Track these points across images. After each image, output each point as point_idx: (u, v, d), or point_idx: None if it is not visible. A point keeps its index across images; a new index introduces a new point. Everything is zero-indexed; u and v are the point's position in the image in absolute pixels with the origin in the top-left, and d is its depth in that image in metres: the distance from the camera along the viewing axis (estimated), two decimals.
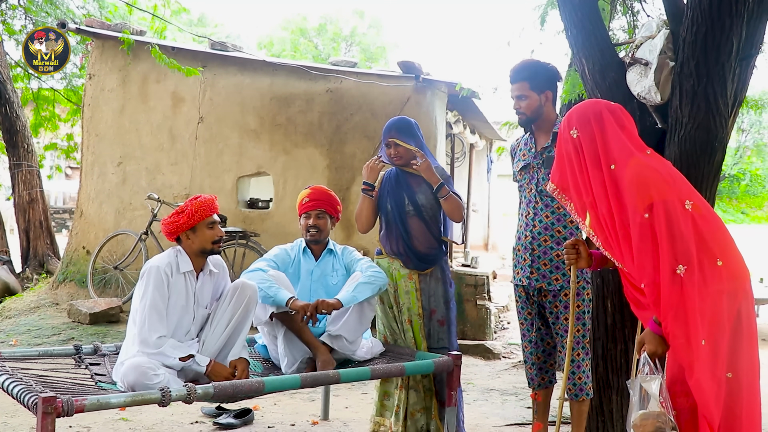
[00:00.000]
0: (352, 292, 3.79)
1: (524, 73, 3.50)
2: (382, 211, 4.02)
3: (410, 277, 3.94)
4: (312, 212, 3.98)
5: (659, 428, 2.55)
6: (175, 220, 3.49)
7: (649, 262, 2.59)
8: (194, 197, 3.54)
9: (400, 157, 3.94)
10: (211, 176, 7.69)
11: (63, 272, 8.02)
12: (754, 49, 3.44)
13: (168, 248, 3.61)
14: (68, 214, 18.29)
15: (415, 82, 7.17)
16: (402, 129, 3.95)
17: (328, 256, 4.08)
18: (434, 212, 3.96)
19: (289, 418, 4.47)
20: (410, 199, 3.93)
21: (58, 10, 10.15)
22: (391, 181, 4.00)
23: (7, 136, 9.73)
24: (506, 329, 7.98)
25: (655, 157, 2.78)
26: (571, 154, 2.83)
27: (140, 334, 3.32)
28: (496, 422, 4.53)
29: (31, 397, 2.73)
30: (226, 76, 7.74)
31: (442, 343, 3.96)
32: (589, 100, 3.05)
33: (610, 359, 3.70)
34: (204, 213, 3.49)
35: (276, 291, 3.72)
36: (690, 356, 2.52)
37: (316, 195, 4.01)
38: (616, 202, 2.69)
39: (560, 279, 3.47)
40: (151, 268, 3.43)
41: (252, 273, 3.80)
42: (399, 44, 33.60)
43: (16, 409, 4.20)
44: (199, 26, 28.19)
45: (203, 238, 3.52)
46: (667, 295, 2.54)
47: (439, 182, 3.86)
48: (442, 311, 3.97)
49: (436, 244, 3.98)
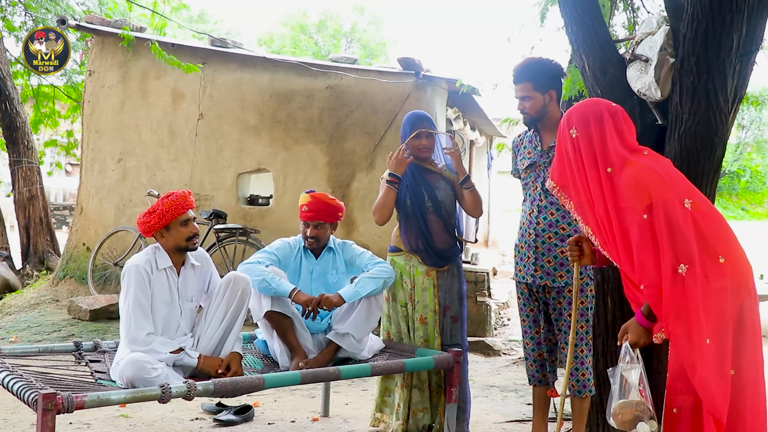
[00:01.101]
0: (355, 288, 3.81)
1: (527, 74, 3.48)
2: (400, 207, 3.98)
3: (428, 274, 3.93)
4: (310, 222, 3.99)
5: (637, 416, 2.60)
6: (147, 220, 3.49)
7: (649, 263, 2.58)
8: (167, 195, 3.52)
9: (430, 149, 3.94)
10: (211, 173, 7.69)
11: (63, 269, 8.03)
12: (754, 45, 3.43)
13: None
14: (68, 211, 18.29)
15: (415, 78, 7.16)
16: (431, 121, 3.99)
17: (328, 255, 4.08)
18: (451, 209, 3.97)
19: (289, 414, 4.48)
20: (429, 195, 3.92)
21: (58, 7, 10.14)
22: (408, 177, 3.96)
23: (7, 133, 9.73)
24: (506, 326, 7.98)
25: (652, 157, 2.77)
26: (569, 153, 2.83)
27: (128, 333, 3.33)
28: (496, 419, 4.53)
29: (31, 393, 2.73)
30: (226, 73, 7.73)
31: (455, 340, 3.96)
32: (590, 99, 3.03)
33: (610, 356, 3.70)
34: (176, 211, 3.47)
35: (278, 282, 3.74)
36: (692, 355, 2.51)
37: (314, 206, 3.98)
38: (612, 203, 2.68)
39: (564, 276, 3.47)
40: (130, 268, 3.43)
41: (251, 265, 3.80)
42: (399, 40, 33.69)
43: (16, 405, 4.20)
44: (199, 23, 28.15)
45: (177, 236, 3.51)
46: (669, 294, 2.54)
47: (466, 173, 3.90)
48: (456, 307, 3.97)
49: (453, 240, 3.98)
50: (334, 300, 3.76)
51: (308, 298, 3.73)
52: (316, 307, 3.70)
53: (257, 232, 7.17)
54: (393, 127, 7.18)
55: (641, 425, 2.61)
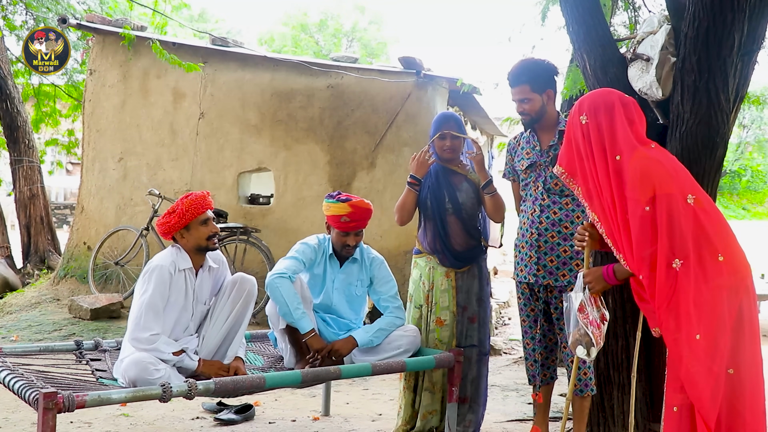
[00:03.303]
0: (371, 336, 3.81)
1: (524, 76, 3.49)
2: (421, 208, 3.95)
3: (447, 275, 3.90)
4: (351, 232, 3.88)
5: (577, 340, 2.85)
6: (167, 221, 3.49)
7: (647, 255, 2.60)
8: (185, 195, 3.53)
9: (454, 150, 3.88)
10: (212, 172, 7.69)
11: (64, 268, 8.03)
12: (755, 44, 3.42)
13: (168, 245, 3.61)
14: (69, 210, 18.28)
15: (416, 77, 7.16)
16: (457, 121, 3.90)
17: (352, 265, 3.99)
18: (474, 211, 3.92)
19: (290, 413, 4.48)
20: (450, 197, 3.87)
21: (59, 6, 10.12)
22: (431, 177, 3.92)
23: (8, 132, 9.73)
24: (507, 325, 7.98)
25: (659, 150, 2.79)
26: (579, 140, 2.85)
27: (133, 330, 3.33)
28: (497, 418, 4.53)
29: (32, 392, 2.73)
30: (226, 72, 7.73)
31: (471, 341, 3.93)
32: (603, 89, 3.04)
33: (611, 355, 3.70)
34: (196, 211, 3.48)
35: (301, 316, 3.68)
36: (679, 349, 2.54)
37: (357, 215, 3.85)
38: (618, 192, 2.70)
39: (567, 275, 3.47)
40: (155, 267, 3.42)
41: (281, 281, 3.69)
42: (400, 40, 33.69)
43: (17, 404, 4.20)
44: (199, 22, 28.17)
45: (197, 236, 3.52)
46: (662, 287, 2.56)
47: (488, 178, 3.83)
48: (473, 308, 3.93)
49: (474, 242, 3.94)
50: (344, 352, 3.74)
51: (321, 346, 3.69)
52: (326, 356, 3.68)
53: (258, 231, 7.17)
54: (394, 127, 7.18)
55: (579, 349, 2.84)
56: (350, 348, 3.75)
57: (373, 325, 3.87)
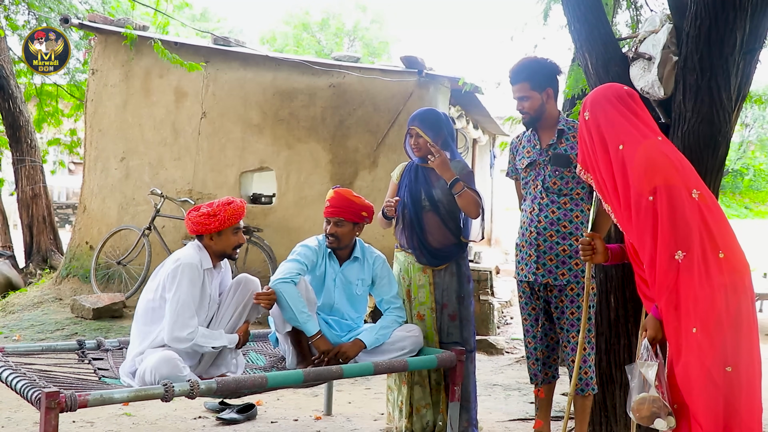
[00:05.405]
0: (375, 335, 3.80)
1: (524, 74, 3.49)
2: (398, 205, 3.94)
3: (424, 271, 3.91)
4: (331, 219, 3.86)
5: (654, 413, 2.64)
6: (205, 222, 3.48)
7: (648, 245, 2.61)
8: (227, 201, 3.53)
9: (419, 148, 3.86)
10: (214, 171, 7.69)
11: (66, 267, 8.04)
12: (758, 43, 3.42)
13: (189, 243, 3.61)
14: (71, 210, 18.30)
15: (417, 76, 7.16)
16: (425, 120, 3.86)
17: (353, 264, 3.95)
18: (452, 208, 3.89)
19: (292, 413, 4.48)
20: (426, 194, 3.88)
21: (61, 5, 10.13)
22: (410, 174, 3.94)
23: (11, 132, 9.74)
24: (509, 324, 7.98)
25: (666, 143, 2.81)
26: (584, 136, 2.92)
27: (172, 330, 3.32)
28: (499, 417, 4.53)
29: (34, 392, 2.74)
30: (228, 71, 7.74)
31: (453, 338, 3.93)
32: (606, 84, 3.08)
33: (613, 354, 3.70)
34: (235, 219, 3.52)
35: (306, 319, 3.67)
36: (678, 342, 2.54)
37: (336, 201, 3.85)
38: (622, 183, 2.71)
39: (566, 274, 3.47)
40: (185, 265, 3.41)
41: (283, 284, 3.67)
42: (402, 39, 33.68)
43: (19, 404, 4.21)
44: (201, 21, 28.19)
45: (227, 243, 3.55)
46: (662, 279, 2.56)
47: (452, 178, 3.78)
48: (453, 306, 3.94)
49: (452, 240, 3.93)
50: (351, 354, 3.72)
51: (327, 348, 3.68)
52: (332, 358, 3.68)
53: (260, 230, 7.18)
54: (396, 126, 7.18)
55: (658, 421, 2.66)
56: (357, 351, 3.74)
57: (375, 326, 3.87)
